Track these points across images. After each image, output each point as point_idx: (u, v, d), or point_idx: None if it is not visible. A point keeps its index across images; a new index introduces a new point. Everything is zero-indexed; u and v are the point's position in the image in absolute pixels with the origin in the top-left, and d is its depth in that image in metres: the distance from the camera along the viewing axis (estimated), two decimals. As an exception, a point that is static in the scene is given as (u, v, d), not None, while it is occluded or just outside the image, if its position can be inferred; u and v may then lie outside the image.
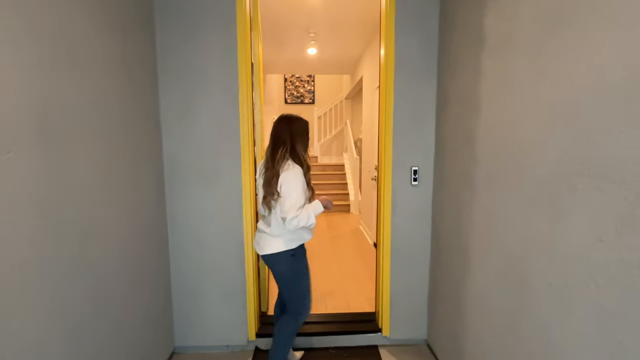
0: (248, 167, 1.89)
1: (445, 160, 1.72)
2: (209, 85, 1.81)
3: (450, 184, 1.66)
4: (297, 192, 1.42)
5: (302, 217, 1.41)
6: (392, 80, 1.85)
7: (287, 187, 1.42)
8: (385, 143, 1.90)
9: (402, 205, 1.93)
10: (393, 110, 1.87)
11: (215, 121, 1.83)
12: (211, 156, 1.85)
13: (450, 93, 1.66)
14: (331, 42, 3.84)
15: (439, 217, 1.82)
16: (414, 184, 1.90)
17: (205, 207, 1.88)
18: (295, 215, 1.39)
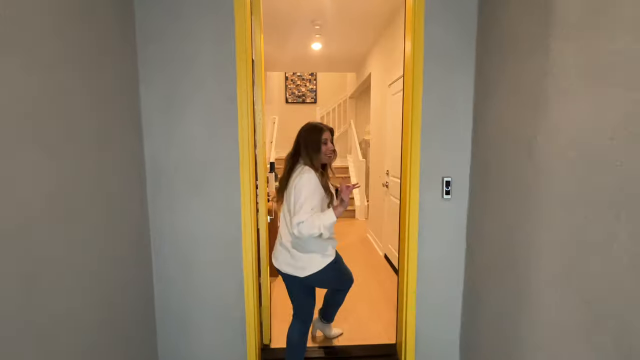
0: (248, 176, 1.58)
1: (489, 169, 1.41)
2: (199, 78, 1.50)
3: (496, 201, 1.35)
4: (306, 194, 1.38)
5: (306, 224, 1.34)
6: (420, 73, 1.54)
7: (297, 190, 1.40)
8: (411, 149, 1.60)
9: (430, 223, 1.63)
10: (421, 109, 1.56)
11: (207, 120, 1.52)
12: (203, 162, 1.54)
13: (496, 84, 1.35)
14: (338, 35, 3.54)
15: (478, 240, 1.51)
16: (445, 197, 1.60)
17: (197, 222, 1.57)
18: (300, 221, 1.35)
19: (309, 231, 1.35)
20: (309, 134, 1.53)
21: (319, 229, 1.36)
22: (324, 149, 1.51)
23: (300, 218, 1.35)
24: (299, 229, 1.36)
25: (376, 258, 3.43)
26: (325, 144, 1.52)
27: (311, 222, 1.35)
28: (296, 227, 1.36)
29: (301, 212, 1.36)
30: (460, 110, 1.56)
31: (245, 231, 1.60)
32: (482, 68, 1.46)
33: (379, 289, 2.69)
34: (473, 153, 1.55)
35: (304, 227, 1.35)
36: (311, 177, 1.41)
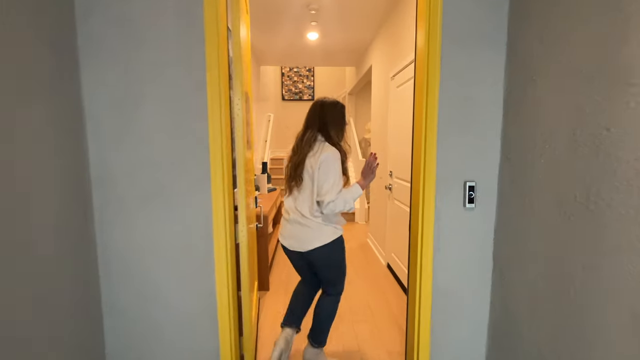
0: (221, 181, 1.26)
1: (528, 171, 1.10)
2: (159, 61, 1.18)
3: (542, 213, 1.04)
4: (335, 174, 1.39)
5: (339, 201, 1.38)
6: (436, 58, 1.23)
7: (325, 169, 1.39)
8: (425, 148, 1.28)
9: (449, 237, 1.32)
10: (438, 101, 1.25)
11: (170, 114, 1.20)
12: (164, 166, 1.22)
13: (541, 63, 1.04)
14: (336, 22, 3.22)
15: (512, 261, 1.20)
16: (468, 206, 1.29)
17: (157, 241, 1.25)
18: (332, 200, 1.37)
19: (341, 208, 1.38)
20: (333, 109, 1.48)
21: (349, 203, 1.39)
22: (345, 129, 1.51)
23: (331, 197, 1.37)
24: (331, 208, 1.37)
25: (378, 268, 3.12)
26: (347, 124, 1.52)
27: (342, 199, 1.38)
28: (327, 206, 1.37)
29: (332, 192, 1.37)
30: (487, 100, 1.25)
31: (218, 248, 1.28)
32: (518, 45, 1.15)
33: (382, 306, 2.38)
34: (503, 151, 1.24)
35: (337, 205, 1.37)
36: (337, 156, 1.41)
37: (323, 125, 1.46)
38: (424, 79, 1.27)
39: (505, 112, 1.23)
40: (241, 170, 1.44)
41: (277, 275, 2.93)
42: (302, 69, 7.07)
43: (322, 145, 1.43)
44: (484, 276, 1.33)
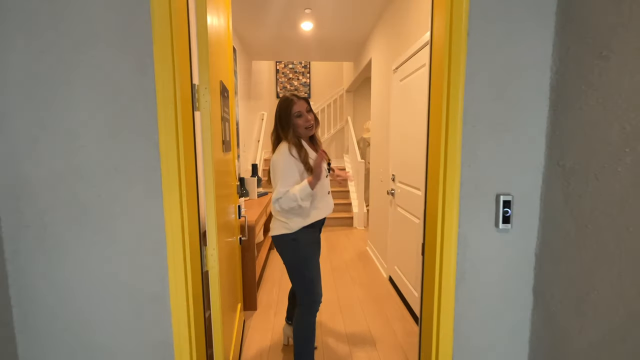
0: (179, 193, 0.95)
1: (594, 185, 0.80)
2: (86, 36, 0.87)
3: (617, 245, 0.74)
4: (280, 172, 1.40)
5: (284, 199, 1.38)
6: (461, 41, 0.92)
7: (273, 169, 1.43)
8: (445, 153, 0.98)
9: (476, 266, 1.01)
10: (463, 94, 0.95)
11: (103, 107, 0.89)
12: (99, 175, 0.91)
13: (622, 33, 0.73)
14: (332, 10, 2.91)
15: (564, 299, 0.89)
16: (502, 227, 0.98)
17: (93, 277, 0.94)
18: (277, 197, 1.39)
19: (287, 204, 1.38)
20: (280, 108, 1.46)
21: (297, 201, 1.36)
22: (298, 122, 1.44)
23: (275, 195, 1.39)
24: (279, 204, 1.39)
25: (379, 281, 2.82)
26: (300, 116, 1.44)
27: (287, 196, 1.37)
28: (276, 203, 1.39)
29: (277, 190, 1.39)
30: (528, 88, 0.95)
31: (174, 281, 0.97)
32: (577, 10, 0.85)
33: (385, 329, 2.08)
34: (551, 156, 0.94)
35: (282, 202, 1.38)
36: (283, 154, 1.40)
37: (276, 124, 1.49)
38: (444, 62, 0.96)
39: (554, 103, 0.92)
40: (209, 177, 1.12)
41: (266, 292, 2.62)
42: (298, 65, 6.76)
43: (278, 146, 1.47)
44: (524, 321, 1.03)
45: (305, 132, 1.46)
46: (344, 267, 3.19)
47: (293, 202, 1.37)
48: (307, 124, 1.44)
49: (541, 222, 0.97)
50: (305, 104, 1.46)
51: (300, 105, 1.44)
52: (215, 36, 1.33)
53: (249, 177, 3.37)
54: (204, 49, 1.06)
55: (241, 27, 3.38)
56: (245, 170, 4.04)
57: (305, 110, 1.44)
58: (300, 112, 1.43)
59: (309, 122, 1.45)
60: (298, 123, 1.43)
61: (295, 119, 1.43)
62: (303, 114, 1.44)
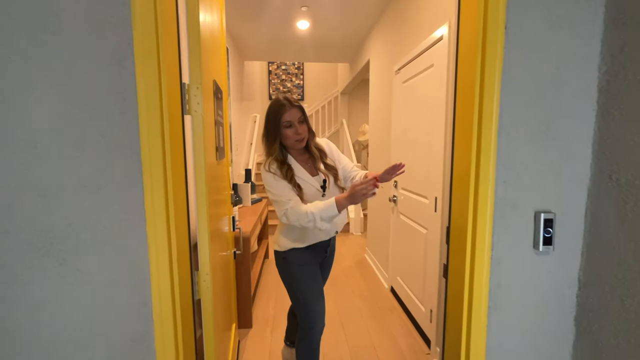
0: (166, 212, 0.79)
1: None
2: (45, 15, 0.70)
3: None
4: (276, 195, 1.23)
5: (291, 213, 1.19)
6: (500, 26, 0.79)
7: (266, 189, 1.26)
8: (476, 164, 0.85)
9: (512, 293, 0.89)
10: (499, 96, 0.82)
11: (68, 104, 0.73)
12: (67, 191, 0.75)
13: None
14: (330, 7, 2.78)
15: (611, 335, 0.77)
16: (543, 249, 0.86)
17: (58, 315, 0.77)
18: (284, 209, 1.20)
19: (301, 221, 1.18)
20: (269, 112, 1.25)
21: (314, 221, 1.16)
22: (287, 133, 1.22)
23: (283, 206, 1.21)
24: (286, 217, 1.21)
25: (380, 293, 2.69)
26: (290, 127, 1.22)
27: (299, 212, 1.18)
28: (283, 216, 1.22)
29: (280, 203, 1.22)
30: (572, 92, 0.83)
31: (160, 319, 0.81)
32: (630, 2, 0.73)
33: (390, 345, 1.94)
34: (600, 167, 0.82)
35: (291, 215, 1.20)
36: (267, 178, 1.24)
37: (264, 129, 1.28)
38: (476, 58, 0.83)
39: (602, 107, 0.80)
40: (202, 193, 0.96)
41: (262, 307, 2.45)
42: (291, 66, 6.62)
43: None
44: (563, 349, 0.90)
45: (295, 144, 1.26)
46: (342, 276, 3.05)
47: (308, 223, 1.17)
48: (297, 137, 1.23)
49: (587, 244, 0.85)
50: (298, 112, 1.24)
51: (292, 115, 1.22)
52: (209, 32, 1.18)
53: (242, 182, 3.20)
54: (195, 41, 0.91)
55: (234, 26, 3.22)
56: (238, 175, 3.86)
57: (298, 121, 1.23)
58: (290, 122, 1.22)
59: (299, 135, 1.24)
60: (287, 134, 1.23)
61: (285, 129, 1.23)
62: (294, 125, 1.22)
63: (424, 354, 1.87)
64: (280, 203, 1.22)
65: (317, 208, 1.16)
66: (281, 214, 1.23)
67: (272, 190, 1.23)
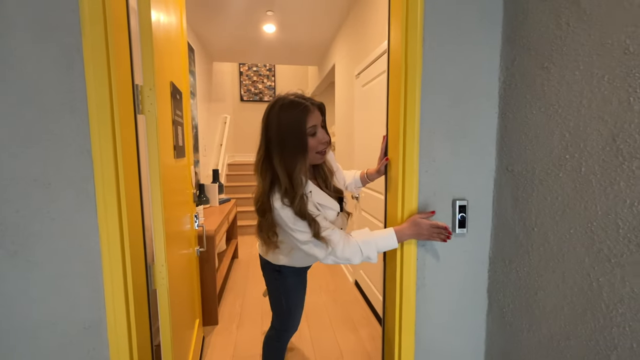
0: (117, 204, 0.85)
1: (539, 190, 0.84)
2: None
3: (558, 246, 0.78)
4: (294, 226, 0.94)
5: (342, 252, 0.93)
6: (417, 46, 0.93)
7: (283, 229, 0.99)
8: (404, 159, 0.98)
9: (435, 271, 1.02)
10: (420, 99, 0.95)
11: (15, 102, 0.77)
12: (18, 184, 0.78)
13: (560, 47, 0.78)
14: (294, 14, 2.88)
15: (514, 303, 0.93)
16: (458, 231, 1.00)
17: (10, 305, 0.80)
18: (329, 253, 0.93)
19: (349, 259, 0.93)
20: (281, 118, 0.91)
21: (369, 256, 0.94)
22: (312, 144, 0.93)
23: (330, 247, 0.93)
24: (335, 256, 0.94)
25: (345, 286, 2.81)
26: (314, 135, 0.94)
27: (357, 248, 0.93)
28: (328, 258, 0.94)
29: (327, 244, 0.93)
30: (480, 98, 0.98)
31: (113, 307, 0.86)
32: (520, 22, 0.89)
33: (351, 335, 2.06)
34: (501, 161, 0.97)
35: (340, 251, 0.93)
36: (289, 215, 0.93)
37: (267, 147, 0.94)
38: (401, 70, 0.97)
39: (502, 111, 0.96)
40: (156, 186, 1.02)
41: (229, 304, 2.49)
42: (262, 67, 6.65)
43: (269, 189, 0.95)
44: (480, 324, 1.05)
45: (317, 158, 0.98)
46: (310, 273, 3.14)
47: (362, 255, 0.93)
48: (322, 146, 0.96)
49: (494, 225, 1.01)
50: (320, 115, 0.96)
51: (316, 117, 0.93)
52: (164, 33, 1.23)
53: (209, 183, 3.21)
54: (147, 45, 0.97)
55: (201, 27, 3.23)
56: (206, 175, 3.85)
57: (321, 125, 0.96)
58: (315, 127, 0.93)
59: (324, 144, 0.96)
60: (311, 145, 0.93)
61: (309, 138, 0.93)
62: (318, 132, 0.94)
63: (381, 339, 2.01)
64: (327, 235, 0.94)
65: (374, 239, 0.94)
66: (324, 256, 0.94)
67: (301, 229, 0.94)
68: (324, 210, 1.01)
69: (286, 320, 1.28)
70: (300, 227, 0.94)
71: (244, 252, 3.75)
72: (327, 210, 1.02)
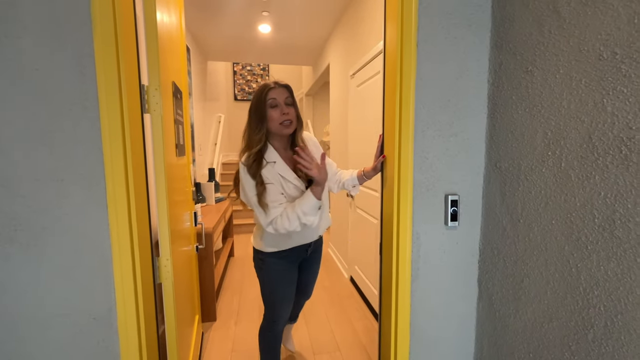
0: (127, 201, 0.88)
1: (524, 185, 0.90)
2: (7, 19, 0.77)
3: (542, 237, 0.84)
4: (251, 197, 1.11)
5: (280, 219, 1.10)
6: (411, 47, 0.99)
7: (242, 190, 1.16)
8: (399, 156, 1.04)
9: (429, 262, 1.08)
10: (414, 98, 1.01)
11: (30, 102, 0.80)
12: (31, 181, 0.81)
13: (542, 53, 0.84)
14: (289, 14, 2.92)
15: (501, 290, 0.99)
16: (451, 224, 1.06)
17: (24, 296, 0.83)
18: (270, 220, 1.11)
19: (287, 227, 1.09)
20: (252, 100, 1.15)
21: (299, 219, 1.08)
22: (272, 115, 1.11)
23: (269, 217, 1.10)
24: (274, 228, 1.11)
25: (341, 282, 2.87)
26: (275, 106, 1.11)
27: (286, 216, 1.09)
28: (270, 226, 1.11)
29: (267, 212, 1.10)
30: (471, 98, 1.04)
31: (123, 299, 0.90)
32: (505, 27, 0.95)
33: (348, 332, 2.12)
34: (490, 157, 1.04)
35: (279, 223, 1.10)
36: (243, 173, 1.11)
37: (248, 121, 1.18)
38: (396, 71, 1.02)
39: (491, 111, 1.03)
40: (161, 183, 1.06)
41: (226, 301, 2.53)
42: (256, 67, 6.66)
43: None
44: (471, 312, 1.12)
45: (279, 128, 1.12)
46: (306, 270, 3.18)
47: (295, 221, 1.09)
48: (284, 117, 1.10)
49: (483, 218, 1.07)
50: (285, 92, 1.13)
51: (279, 93, 1.11)
52: (167, 34, 1.27)
53: (205, 182, 3.23)
54: (153, 47, 1.00)
55: (195, 26, 3.24)
56: (202, 174, 3.86)
57: (284, 102, 1.12)
58: (276, 100, 1.10)
59: (286, 116, 1.11)
60: (271, 115, 1.10)
61: (269, 109, 1.10)
62: (280, 105, 1.11)
63: (376, 331, 2.07)
64: (269, 210, 1.10)
65: (297, 205, 1.09)
66: (267, 223, 1.11)
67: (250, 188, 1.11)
68: (285, 183, 1.15)
69: (272, 313, 1.33)
70: (249, 186, 1.10)
71: (240, 251, 3.78)
72: (288, 184, 1.16)
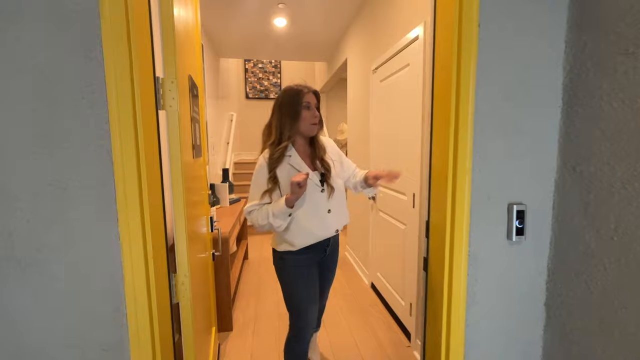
0: (140, 212, 0.75)
1: (618, 192, 0.73)
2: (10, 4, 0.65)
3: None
4: (252, 187, 1.28)
5: (254, 213, 1.24)
6: (474, 18, 0.82)
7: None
8: (454, 157, 0.88)
9: (488, 285, 0.92)
10: (474, 92, 0.85)
11: (27, 96, 0.67)
12: (24, 191, 0.69)
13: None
14: (307, 6, 2.77)
15: (581, 324, 0.83)
16: (516, 239, 0.90)
17: (20, 324, 0.71)
18: (249, 210, 1.26)
19: (258, 221, 1.22)
20: (284, 97, 1.25)
21: (268, 217, 1.19)
22: (305, 115, 1.23)
23: (253, 205, 1.25)
24: (249, 215, 1.25)
25: (361, 289, 2.72)
26: (309, 108, 1.24)
27: (262, 211, 1.22)
28: (248, 212, 1.26)
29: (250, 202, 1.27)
30: (540, 89, 0.87)
31: (136, 325, 0.77)
32: (592, 6, 0.78)
33: (372, 342, 1.97)
34: (565, 160, 0.87)
35: (254, 214, 1.24)
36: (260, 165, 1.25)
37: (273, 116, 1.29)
38: (452, 58, 0.86)
39: (567, 104, 0.86)
40: (178, 191, 0.93)
41: (242, 309, 2.41)
42: (268, 64, 6.54)
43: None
44: (535, 334, 0.95)
45: (310, 128, 1.26)
46: (323, 275, 3.04)
47: (264, 219, 1.20)
48: (314, 119, 1.25)
49: (554, 233, 0.90)
50: (315, 98, 1.28)
51: (312, 97, 1.26)
52: (183, 26, 1.13)
53: (219, 183, 3.12)
54: (169, 32, 0.87)
55: (209, 22, 3.13)
56: (215, 175, 3.76)
57: (314, 105, 1.27)
58: (310, 103, 1.24)
59: (316, 118, 1.26)
60: (305, 116, 1.23)
61: (304, 110, 1.23)
62: (312, 108, 1.25)
63: (404, 346, 1.92)
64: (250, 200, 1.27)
65: (272, 205, 1.20)
66: (248, 209, 1.25)
67: (254, 187, 1.26)
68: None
69: (298, 315, 1.31)
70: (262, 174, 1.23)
71: (255, 253, 3.67)
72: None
